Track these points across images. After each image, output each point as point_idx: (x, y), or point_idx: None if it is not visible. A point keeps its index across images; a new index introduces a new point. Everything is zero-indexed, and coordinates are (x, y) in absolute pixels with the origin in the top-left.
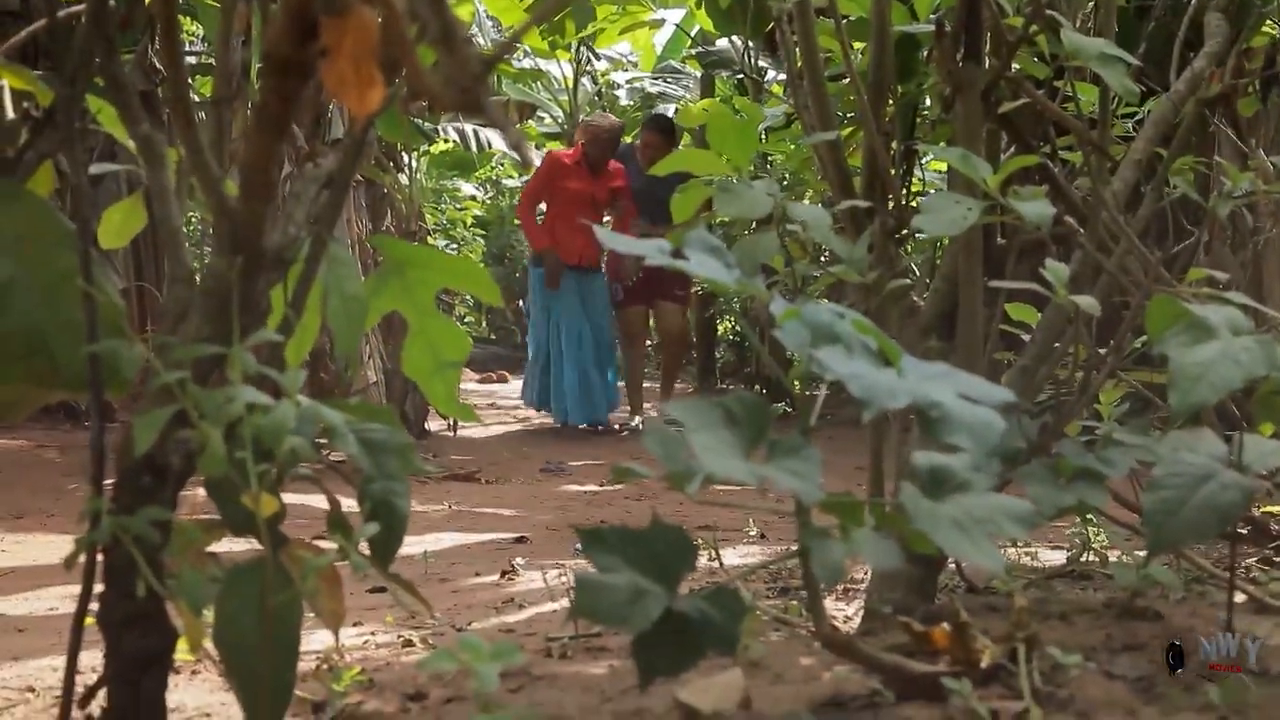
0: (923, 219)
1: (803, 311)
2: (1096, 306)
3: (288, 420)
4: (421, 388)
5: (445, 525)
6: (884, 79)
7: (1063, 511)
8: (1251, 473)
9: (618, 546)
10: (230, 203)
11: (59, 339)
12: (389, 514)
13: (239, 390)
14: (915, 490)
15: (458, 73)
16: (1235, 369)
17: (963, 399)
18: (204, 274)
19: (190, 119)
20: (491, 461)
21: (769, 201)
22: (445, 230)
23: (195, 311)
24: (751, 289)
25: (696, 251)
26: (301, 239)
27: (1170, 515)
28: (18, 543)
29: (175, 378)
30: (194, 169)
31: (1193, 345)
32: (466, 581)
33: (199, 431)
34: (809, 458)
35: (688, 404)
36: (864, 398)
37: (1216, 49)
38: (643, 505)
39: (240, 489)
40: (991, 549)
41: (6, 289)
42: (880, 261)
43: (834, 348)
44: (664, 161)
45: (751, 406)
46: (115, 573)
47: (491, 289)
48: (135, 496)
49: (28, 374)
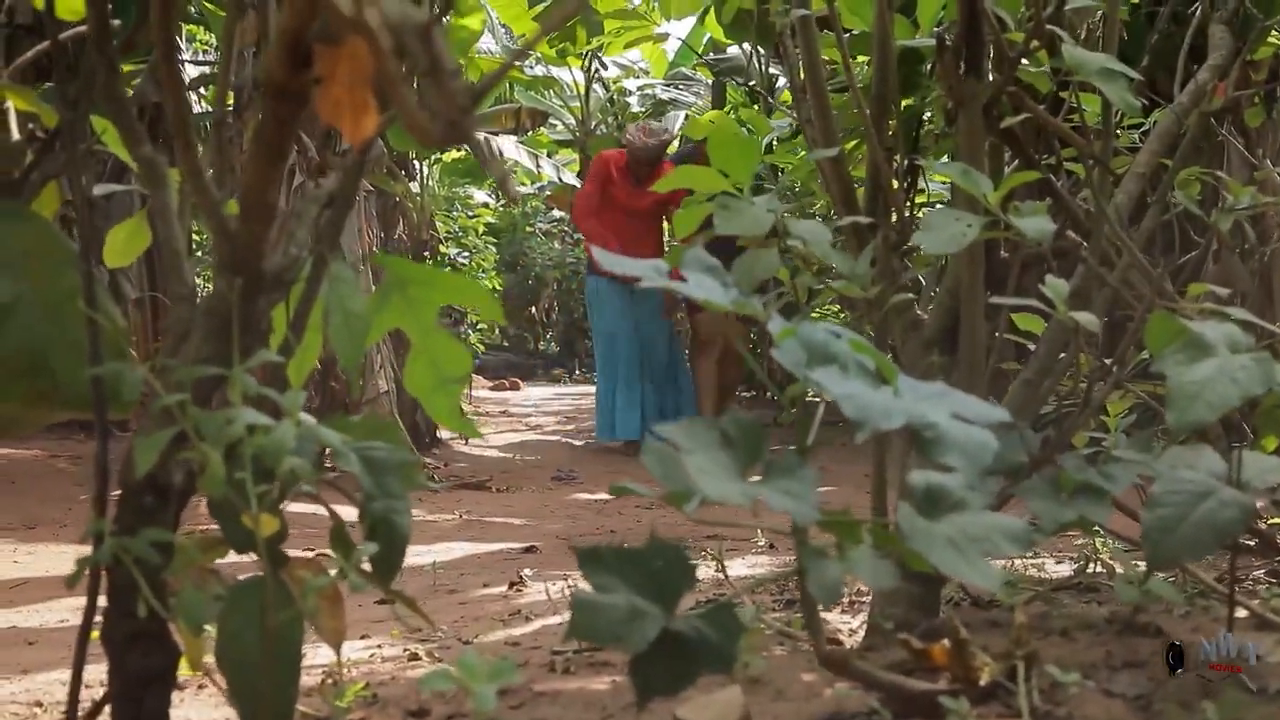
0: (922, 236)
1: (799, 331)
2: (1096, 323)
3: (287, 441)
4: (424, 404)
5: (455, 535)
6: (887, 92)
7: (1065, 526)
8: (1251, 490)
9: (615, 566)
10: (230, 225)
11: (61, 358)
12: (390, 532)
13: (239, 412)
14: (911, 509)
15: (445, 106)
16: (1232, 387)
17: (957, 419)
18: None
19: (191, 142)
20: (503, 470)
21: (769, 218)
22: (457, 238)
23: (197, 331)
24: (749, 309)
25: (694, 271)
26: (303, 259)
27: (1168, 533)
28: (30, 553)
29: (176, 400)
30: (194, 192)
31: (1190, 363)
32: (474, 593)
33: (199, 453)
34: (804, 478)
35: (684, 426)
36: (858, 418)
37: (1220, 61)
38: (653, 514)
39: (240, 509)
40: (986, 568)
41: (10, 309)
42: (883, 276)
43: (829, 368)
44: (665, 179)
45: (747, 428)
46: (118, 591)
47: (494, 307)
48: (138, 516)
49: (30, 393)
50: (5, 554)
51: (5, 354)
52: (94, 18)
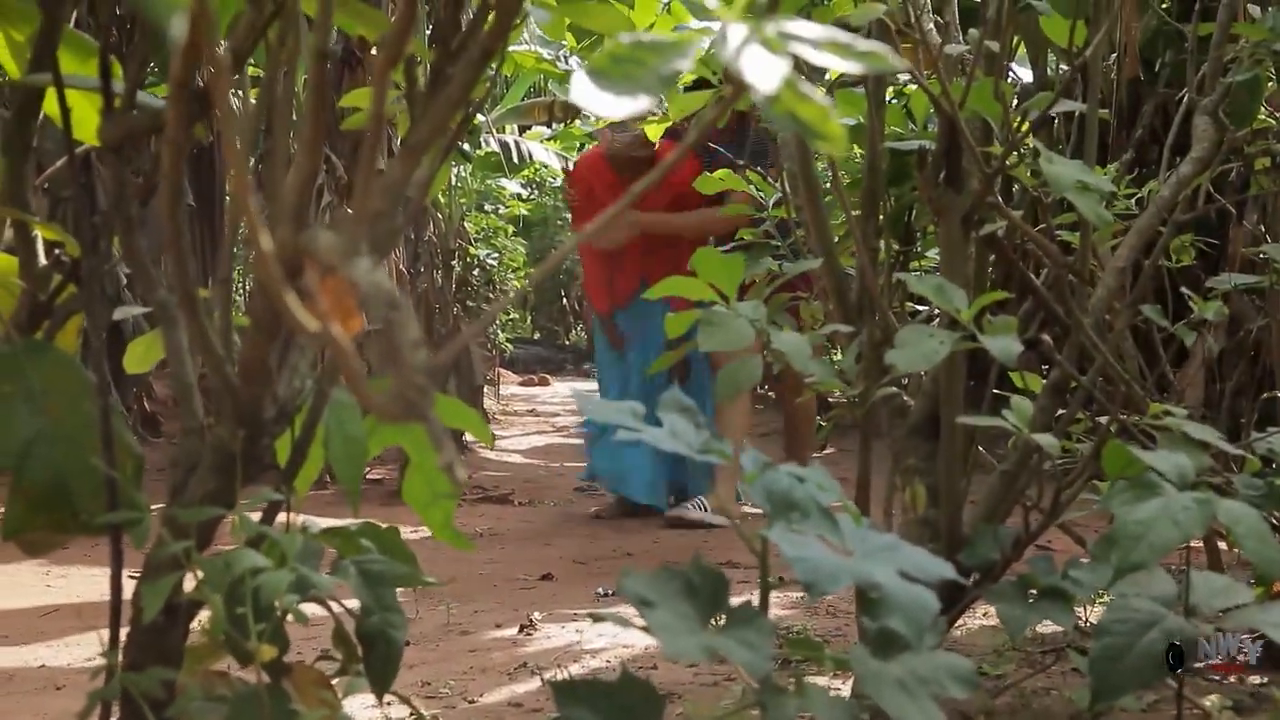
0: (895, 354)
1: (763, 479)
2: (1056, 446)
3: (282, 585)
4: (420, 515)
5: (474, 559)
6: (877, 187)
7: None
8: (1200, 615)
9: (589, 700)
10: (233, 381)
11: (80, 488)
12: (386, 647)
13: (240, 555)
14: (864, 651)
15: (403, 384)
16: (1173, 530)
17: (902, 577)
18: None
19: (195, 305)
20: (526, 479)
21: (751, 332)
22: (487, 238)
23: (203, 465)
24: (718, 452)
25: (669, 414)
26: (305, 391)
27: (1114, 662)
28: (62, 576)
29: (181, 547)
30: (200, 349)
31: (1135, 502)
32: (485, 635)
33: (202, 594)
34: (761, 628)
35: (646, 576)
36: (808, 581)
37: (1203, 154)
38: (670, 535)
39: (240, 642)
40: (933, 709)
41: (33, 442)
42: (867, 375)
43: (783, 526)
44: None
45: (710, 576)
46: (129, 702)
47: (483, 431)
48: (148, 635)
49: (51, 522)
50: (37, 576)
51: (27, 485)
52: (113, 179)
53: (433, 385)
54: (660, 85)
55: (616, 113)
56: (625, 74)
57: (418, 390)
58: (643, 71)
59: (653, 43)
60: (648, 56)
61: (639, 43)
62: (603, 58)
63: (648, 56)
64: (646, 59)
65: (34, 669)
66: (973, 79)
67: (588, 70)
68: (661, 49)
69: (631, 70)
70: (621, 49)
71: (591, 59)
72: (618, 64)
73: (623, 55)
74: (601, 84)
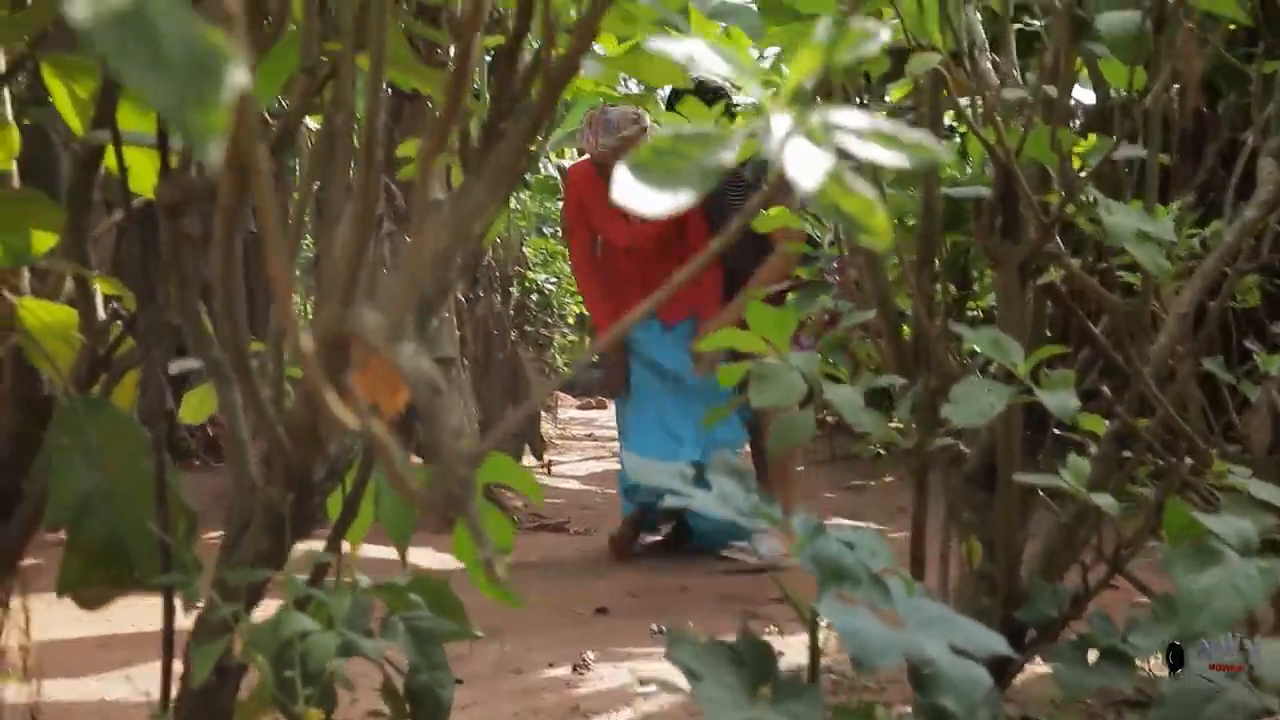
0: (951, 409)
1: (813, 547)
2: (1115, 506)
3: (329, 649)
4: (469, 571)
5: (529, 586)
6: (932, 232)
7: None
8: (1267, 686)
9: None
10: (284, 443)
11: (136, 547)
12: (434, 706)
13: (288, 617)
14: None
15: (444, 476)
16: (1236, 599)
17: (954, 652)
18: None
19: (247, 367)
20: (583, 506)
21: (802, 386)
22: (545, 263)
23: (255, 523)
24: (767, 517)
25: (718, 476)
26: (356, 449)
27: None
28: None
29: (230, 610)
30: (251, 410)
31: (1198, 569)
32: (538, 675)
33: (250, 657)
34: (810, 700)
35: (693, 647)
36: (857, 657)
37: (1269, 197)
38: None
39: (289, 706)
40: None
41: (90, 497)
42: (923, 426)
43: (834, 596)
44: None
45: (756, 647)
46: None
47: (533, 488)
48: (199, 697)
49: (107, 578)
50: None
51: (84, 542)
52: (168, 237)
53: (474, 477)
54: (703, 179)
55: (657, 209)
56: (667, 167)
57: (459, 482)
58: (685, 165)
59: (695, 134)
60: (691, 149)
61: (680, 134)
62: (646, 151)
63: (691, 149)
64: (690, 151)
65: (92, 702)
66: (1030, 127)
67: (630, 165)
68: (705, 140)
69: (673, 164)
70: (663, 141)
71: (635, 153)
72: (660, 157)
73: (665, 148)
74: (643, 178)
